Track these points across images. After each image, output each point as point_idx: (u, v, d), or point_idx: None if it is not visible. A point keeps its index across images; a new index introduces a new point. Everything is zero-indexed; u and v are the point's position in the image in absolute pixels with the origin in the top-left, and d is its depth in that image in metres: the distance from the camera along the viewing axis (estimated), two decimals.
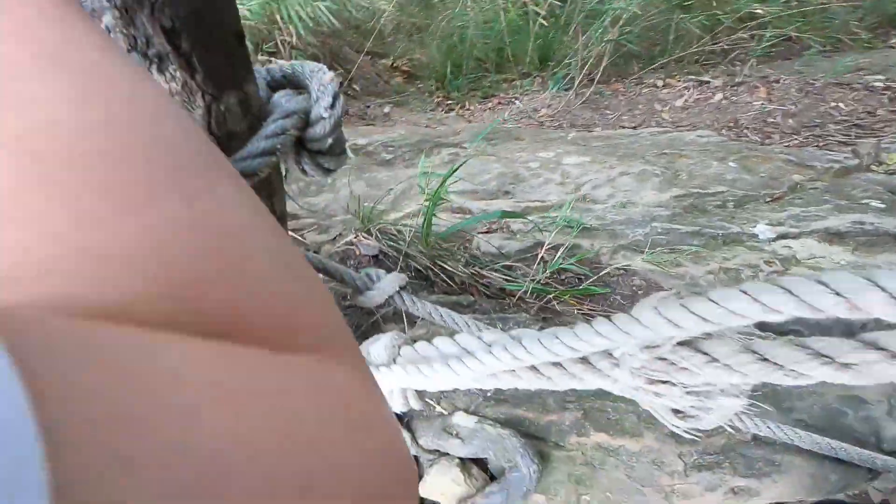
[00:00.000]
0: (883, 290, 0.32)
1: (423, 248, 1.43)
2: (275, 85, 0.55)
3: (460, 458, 1.13)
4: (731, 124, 2.60)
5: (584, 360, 0.52)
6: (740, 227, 1.70)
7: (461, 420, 1.13)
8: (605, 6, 2.98)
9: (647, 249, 1.61)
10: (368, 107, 3.14)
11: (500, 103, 3.36)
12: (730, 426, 0.85)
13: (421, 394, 0.71)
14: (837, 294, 0.34)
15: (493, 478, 1.12)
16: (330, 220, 1.78)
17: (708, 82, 2.92)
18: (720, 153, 2.34)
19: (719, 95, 2.78)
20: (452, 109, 3.39)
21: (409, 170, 2.40)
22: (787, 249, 1.66)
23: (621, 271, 1.53)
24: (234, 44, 0.41)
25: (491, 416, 1.13)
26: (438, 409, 1.21)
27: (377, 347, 0.69)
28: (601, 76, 3.07)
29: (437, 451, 1.16)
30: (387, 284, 0.89)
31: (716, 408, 0.49)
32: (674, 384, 0.48)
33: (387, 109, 3.16)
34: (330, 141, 0.51)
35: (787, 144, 2.42)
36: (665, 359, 0.47)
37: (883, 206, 1.81)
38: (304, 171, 0.53)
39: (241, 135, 0.45)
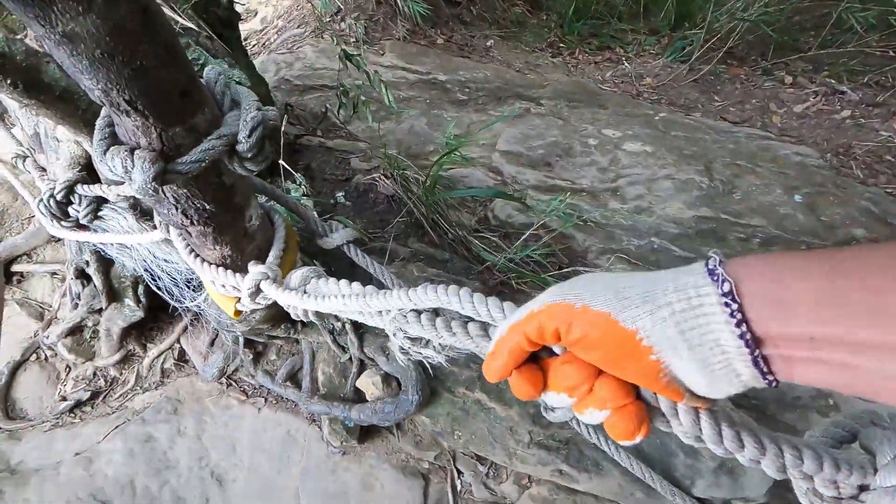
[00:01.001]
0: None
1: (424, 200, 1.68)
2: (234, 105, 0.81)
3: (385, 371, 1.48)
4: (842, 150, 2.30)
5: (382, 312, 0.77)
6: None
7: (393, 346, 1.46)
8: None
9: (632, 260, 1.69)
10: (473, 37, 3.18)
11: (609, 59, 3.18)
12: (576, 428, 1.08)
13: (317, 313, 1.00)
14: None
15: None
16: (377, 151, 2.06)
17: (843, 93, 2.51)
18: (796, 181, 2.17)
19: (847, 112, 2.41)
20: (560, 54, 3.29)
21: (476, 114, 2.54)
22: None
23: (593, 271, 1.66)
24: (176, 99, 0.68)
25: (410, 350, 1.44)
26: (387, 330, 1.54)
27: (296, 275, 0.99)
28: (725, 55, 2.76)
29: (373, 359, 1.51)
30: (338, 236, 1.17)
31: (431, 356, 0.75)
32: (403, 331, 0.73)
33: (490, 43, 3.17)
34: (249, 154, 0.77)
35: (889, 190, 2.14)
36: (405, 317, 0.71)
37: None
38: (234, 168, 0.80)
39: (188, 146, 0.73)
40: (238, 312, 1.22)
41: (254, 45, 3.16)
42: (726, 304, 0.34)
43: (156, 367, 2.03)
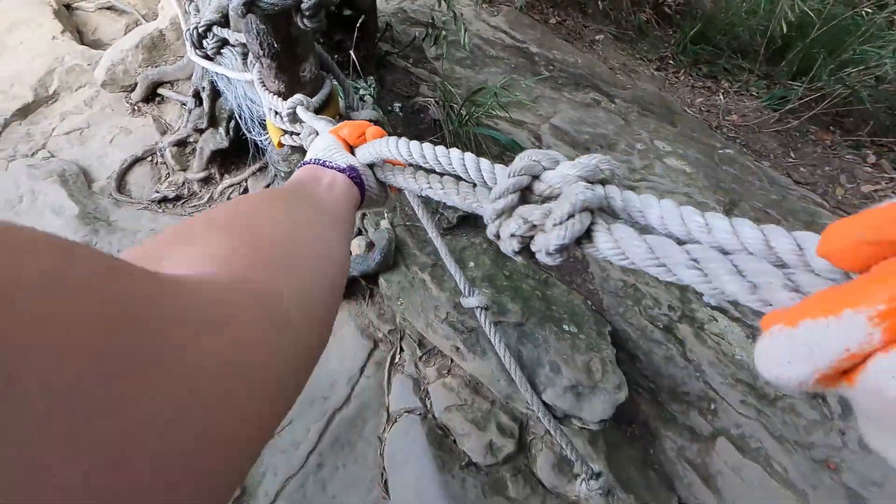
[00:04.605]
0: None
1: (454, 133, 2.00)
2: None
3: (370, 239, 1.86)
4: None
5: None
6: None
7: (383, 223, 1.83)
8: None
9: None
10: (586, 27, 3.34)
11: (707, 87, 3.21)
12: (480, 321, 1.40)
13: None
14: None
15: None
16: (445, 85, 2.40)
17: None
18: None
19: None
20: (664, 69, 3.36)
21: (550, 90, 2.78)
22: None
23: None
24: None
25: (395, 227, 1.80)
26: (385, 215, 1.91)
27: (327, 117, 1.37)
28: (825, 118, 2.70)
29: (365, 230, 1.90)
30: (364, 114, 1.54)
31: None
32: None
33: (599, 37, 3.31)
34: (308, 13, 1.14)
35: None
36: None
37: None
38: (297, 21, 1.18)
39: None
40: (281, 144, 1.65)
41: None
42: None
43: (225, 194, 2.58)
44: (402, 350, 2.04)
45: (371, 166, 0.76)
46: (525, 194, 0.42)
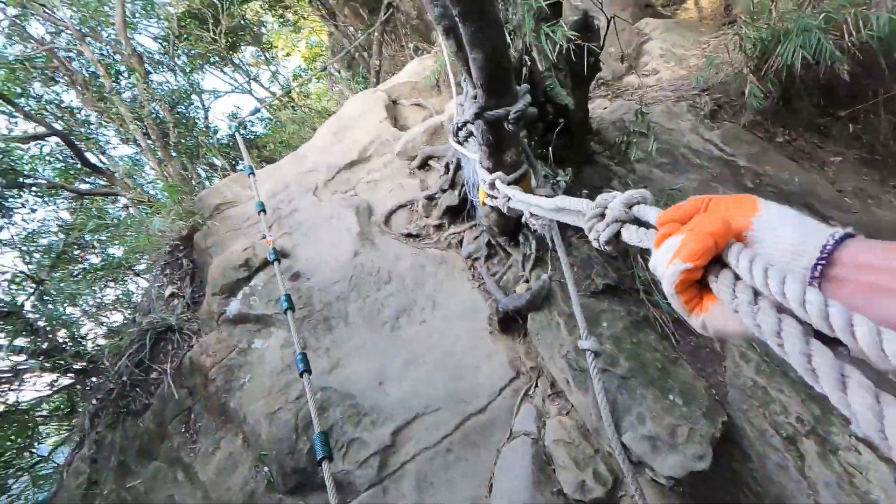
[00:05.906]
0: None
1: None
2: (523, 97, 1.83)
3: (531, 284, 2.35)
4: None
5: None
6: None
7: (543, 276, 2.31)
8: None
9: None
10: (821, 148, 3.14)
11: None
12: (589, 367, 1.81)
13: (510, 209, 2.00)
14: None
15: None
16: (637, 186, 2.77)
17: None
18: None
19: None
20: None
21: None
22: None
23: None
24: (496, 85, 1.73)
25: (552, 280, 2.25)
26: (548, 269, 2.39)
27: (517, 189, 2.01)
28: None
29: (530, 277, 2.40)
30: (541, 191, 2.10)
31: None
32: None
33: (837, 160, 3.08)
34: (511, 121, 1.78)
35: None
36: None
37: None
38: (505, 125, 1.82)
39: (490, 108, 1.79)
40: (484, 203, 2.33)
41: (636, 90, 4.13)
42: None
43: (449, 239, 3.44)
44: (536, 385, 2.41)
45: None
46: (603, 214, 0.75)
